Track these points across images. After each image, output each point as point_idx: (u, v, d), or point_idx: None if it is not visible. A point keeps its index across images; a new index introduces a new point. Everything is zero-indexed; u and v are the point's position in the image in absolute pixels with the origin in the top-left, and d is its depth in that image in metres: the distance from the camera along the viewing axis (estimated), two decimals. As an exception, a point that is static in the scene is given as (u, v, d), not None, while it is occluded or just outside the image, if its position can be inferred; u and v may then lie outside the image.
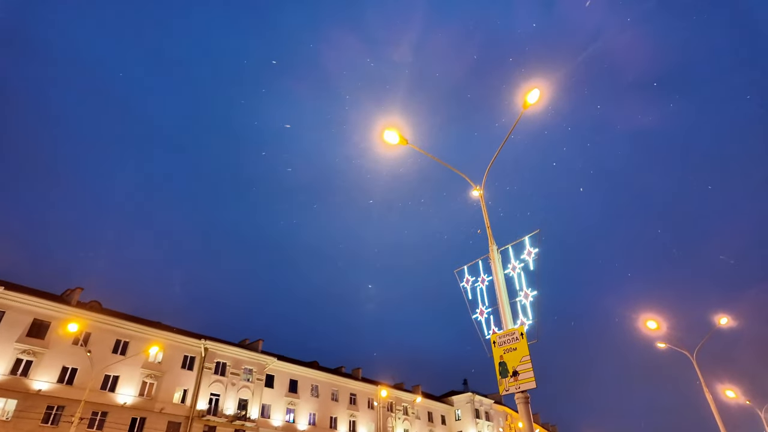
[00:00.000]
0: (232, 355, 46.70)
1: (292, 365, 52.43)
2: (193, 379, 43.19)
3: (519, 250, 8.86)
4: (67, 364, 36.40)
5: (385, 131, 10.40)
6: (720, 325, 24.22)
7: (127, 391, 38.66)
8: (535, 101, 9.60)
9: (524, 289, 8.47)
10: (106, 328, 39.57)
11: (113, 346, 39.59)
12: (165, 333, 43.01)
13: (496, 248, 9.19)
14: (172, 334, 43.50)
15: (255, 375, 47.70)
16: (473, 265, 9.73)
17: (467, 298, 9.50)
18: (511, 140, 10.38)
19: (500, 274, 8.83)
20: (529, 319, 8.14)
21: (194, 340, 44.62)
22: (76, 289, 40.76)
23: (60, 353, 36.23)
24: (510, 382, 7.34)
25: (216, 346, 45.74)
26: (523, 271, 8.62)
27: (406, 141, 10.46)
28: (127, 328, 40.76)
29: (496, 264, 8.96)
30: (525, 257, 8.68)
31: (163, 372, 41.39)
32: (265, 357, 49.15)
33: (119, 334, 40.28)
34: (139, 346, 40.35)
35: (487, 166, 10.40)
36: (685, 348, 23.08)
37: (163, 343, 41.92)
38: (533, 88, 9.53)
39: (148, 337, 41.65)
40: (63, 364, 36.17)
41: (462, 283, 9.77)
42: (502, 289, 8.65)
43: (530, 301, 8.30)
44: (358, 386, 58.38)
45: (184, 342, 44.02)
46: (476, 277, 9.56)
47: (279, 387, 50.01)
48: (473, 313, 9.24)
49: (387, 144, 10.44)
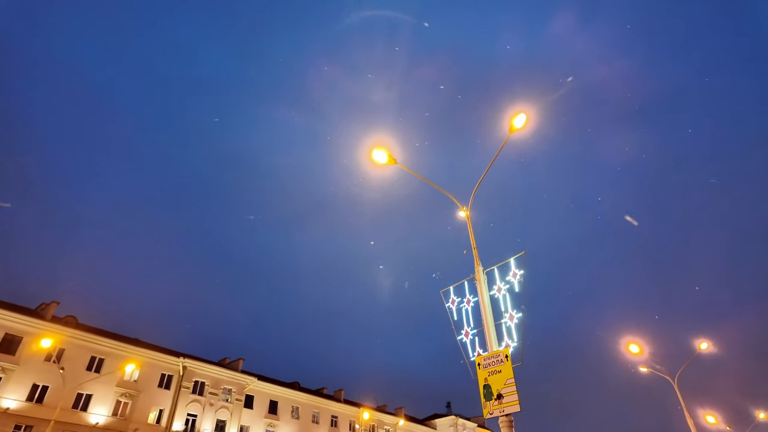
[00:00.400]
0: (212, 374, 45.52)
1: (273, 386, 51.27)
2: (170, 399, 41.89)
3: (504, 271, 8.90)
4: (38, 381, 35.05)
5: (373, 150, 10.48)
6: (701, 350, 24.48)
7: (99, 411, 37.28)
8: (522, 126, 9.80)
9: (509, 311, 8.49)
10: (81, 344, 38.34)
11: (88, 363, 38.30)
12: (142, 350, 41.82)
13: (482, 269, 9.23)
14: (150, 352, 42.32)
15: (234, 395, 46.48)
16: (459, 286, 9.74)
17: (452, 319, 9.48)
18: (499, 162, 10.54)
19: (486, 296, 8.84)
20: (514, 341, 8.13)
21: (173, 358, 43.45)
22: (52, 303, 39.57)
23: (31, 370, 34.90)
24: (494, 405, 7.28)
25: (195, 365, 44.58)
26: (509, 293, 8.65)
27: (394, 160, 10.54)
28: (103, 345, 39.54)
29: (481, 285, 8.99)
30: (510, 279, 8.72)
31: (138, 391, 40.10)
32: (245, 377, 48.02)
33: (95, 350, 39.05)
34: (114, 363, 39.12)
35: (474, 186, 10.52)
36: (667, 373, 23.24)
37: (140, 361, 40.71)
38: (519, 112, 9.74)
39: (125, 354, 40.45)
40: (34, 381, 34.81)
41: (448, 303, 9.76)
42: (487, 310, 8.65)
43: (515, 323, 8.30)
44: (340, 408, 57.23)
45: (162, 360, 42.82)
46: (462, 297, 9.56)
47: (258, 408, 48.76)
48: (458, 335, 9.21)
49: (376, 163, 10.51)
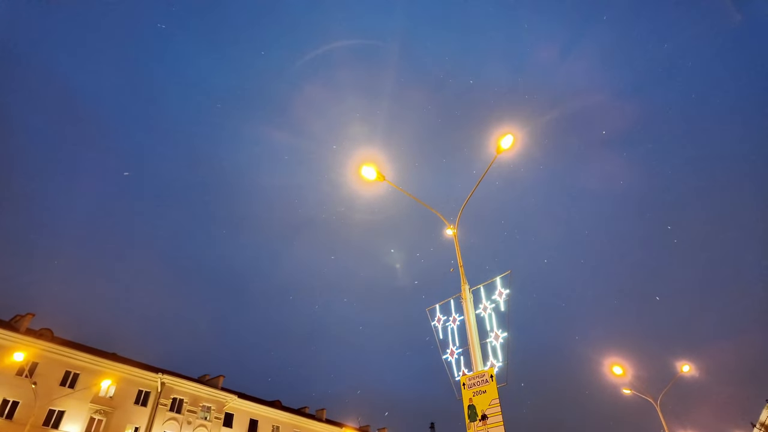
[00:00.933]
0: (191, 391, 44.36)
1: (253, 404, 50.11)
2: (147, 416, 40.62)
3: (490, 290, 8.93)
4: (9, 396, 33.75)
5: (363, 167, 10.53)
6: (683, 372, 24.68)
7: (72, 428, 35.94)
8: (509, 147, 9.96)
9: (495, 330, 8.49)
10: (55, 358, 37.14)
11: (62, 378, 37.05)
12: (119, 365, 40.66)
13: (468, 287, 9.24)
14: (128, 367, 41.15)
15: (213, 413, 45.28)
16: (445, 304, 9.72)
17: (438, 338, 9.44)
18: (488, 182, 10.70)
19: (472, 314, 8.84)
20: (499, 361, 8.11)
21: (151, 374, 42.29)
22: (27, 315, 38.38)
23: (2, 384, 33.61)
24: (479, 426, 7.22)
25: (174, 381, 43.43)
26: (494, 312, 8.67)
27: (383, 177, 10.60)
28: (78, 359, 38.36)
29: (467, 304, 8.99)
30: (496, 298, 8.75)
31: (114, 408, 38.83)
32: (225, 394, 46.89)
33: (69, 365, 37.84)
34: (90, 378, 37.92)
35: (462, 204, 10.61)
36: (650, 395, 23.33)
37: (117, 376, 39.54)
38: (507, 134, 9.91)
39: (101, 369, 39.27)
40: (4, 396, 33.51)
41: (434, 321, 9.72)
42: (473, 329, 8.64)
43: (500, 342, 8.30)
44: (322, 428, 56.06)
45: (139, 375, 41.65)
46: (448, 316, 9.54)
47: (238, 427, 47.52)
48: (444, 354, 9.16)
49: (364, 180, 10.55)
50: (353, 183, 10.37)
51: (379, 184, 11.15)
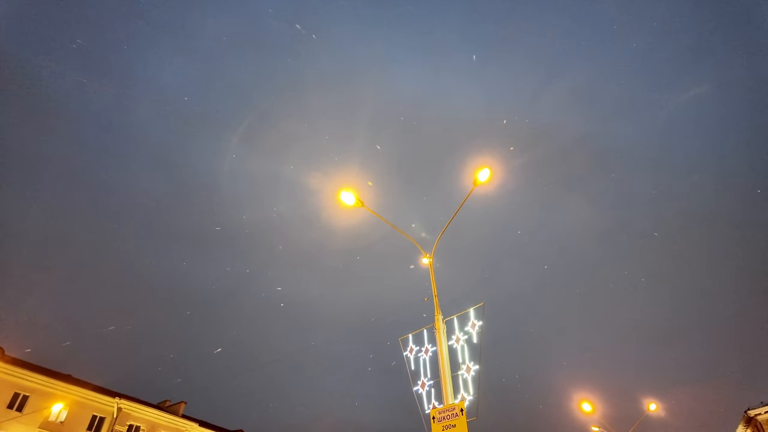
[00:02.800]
0: (149, 417, 42.16)
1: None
2: (98, 444, 38.29)
3: (464, 321, 8.91)
4: (-52, 419, 31.43)
5: (341, 192, 10.52)
6: (650, 411, 24.88)
7: (15, 456, 33.53)
8: (486, 180, 10.15)
9: (467, 363, 8.42)
10: (4, 378, 34.85)
11: (9, 401, 34.72)
12: (74, 388, 38.44)
13: (442, 318, 9.20)
14: (82, 390, 38.94)
15: (171, 442, 43.02)
16: (418, 334, 9.63)
17: (410, 369, 9.29)
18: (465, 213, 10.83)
19: (444, 346, 8.77)
20: (470, 395, 8.02)
21: (107, 398, 40.11)
22: (-23, 330, 36.31)
23: (-59, 405, 31.35)
24: (447, 461, 7.05)
25: (131, 407, 41.26)
26: (467, 344, 8.62)
27: (362, 203, 10.61)
28: (29, 380, 36.13)
29: (441, 334, 8.93)
30: (469, 329, 8.72)
31: (63, 434, 36.50)
32: (185, 422, 44.72)
33: (19, 386, 35.58)
34: (40, 401, 35.67)
35: (438, 234, 10.67)
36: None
37: (70, 399, 37.32)
38: (484, 167, 10.11)
39: (53, 391, 37.05)
40: (-58, 418, 31.20)
41: (406, 352, 9.59)
42: (445, 360, 8.56)
43: (472, 375, 8.23)
44: (286, 460, 53.93)
45: (94, 399, 39.44)
46: (420, 346, 9.43)
47: (197, 457, 45.21)
48: (415, 385, 9.01)
49: (343, 205, 10.54)
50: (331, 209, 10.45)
51: (358, 210, 11.15)
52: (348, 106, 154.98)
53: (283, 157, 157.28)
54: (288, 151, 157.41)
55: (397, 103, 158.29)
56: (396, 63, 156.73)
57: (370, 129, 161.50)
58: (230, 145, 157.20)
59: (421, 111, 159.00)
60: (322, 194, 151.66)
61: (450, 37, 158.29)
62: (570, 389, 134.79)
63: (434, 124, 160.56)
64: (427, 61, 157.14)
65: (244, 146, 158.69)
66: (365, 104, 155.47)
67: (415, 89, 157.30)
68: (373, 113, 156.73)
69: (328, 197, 23.03)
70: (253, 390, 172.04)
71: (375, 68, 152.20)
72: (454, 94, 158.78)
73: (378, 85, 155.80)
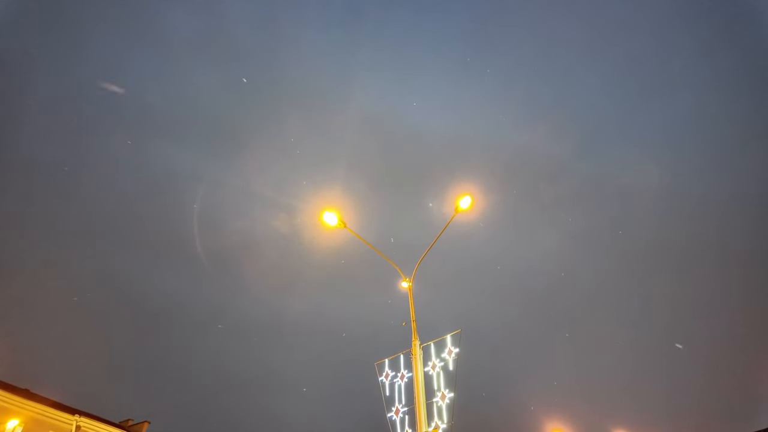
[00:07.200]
0: (109, 437, 40.33)
1: (179, 455, 46.04)
2: (53, 465, 36.35)
3: (440, 347, 8.91)
4: None
5: (324, 212, 10.53)
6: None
7: (-40, 475, 31.55)
8: (467, 207, 10.32)
9: (442, 390, 8.39)
10: (-44, 390, 33.09)
11: (-41, 415, 32.89)
12: (30, 403, 36.55)
13: (419, 343, 9.18)
14: (40, 406, 37.04)
15: (131, 464, 41.11)
16: (394, 359, 9.57)
17: (384, 395, 9.20)
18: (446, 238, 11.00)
19: (420, 372, 8.74)
20: (444, 423, 7.97)
21: (66, 416, 38.23)
22: (-69, 339, 34.47)
23: None
24: (419, 491, 6.95)
25: (91, 425, 39.40)
26: (443, 371, 8.60)
27: (344, 224, 10.62)
28: (-17, 394, 34.35)
29: (417, 360, 8.90)
30: (445, 356, 8.72)
31: (15, 452, 34.58)
32: (148, 442, 42.90)
33: (-29, 399, 33.77)
34: (-7, 417, 33.83)
35: (418, 260, 10.73)
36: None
37: (26, 415, 35.45)
38: (465, 194, 10.28)
39: (9, 407, 35.15)
40: None
41: (381, 377, 9.50)
42: (420, 387, 8.51)
43: (446, 402, 8.20)
44: (251, 485, 51.97)
45: (52, 416, 37.54)
46: (396, 372, 9.36)
47: (157, 481, 43.24)
48: (389, 412, 8.91)
49: (325, 226, 10.53)
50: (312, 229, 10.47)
51: (339, 232, 11.16)
52: (328, 125, 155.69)
53: (261, 179, 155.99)
54: (266, 172, 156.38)
55: (378, 124, 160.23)
56: (374, 83, 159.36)
57: (353, 150, 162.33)
58: (206, 164, 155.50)
59: (404, 133, 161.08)
60: (303, 214, 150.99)
61: (430, 58, 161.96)
62: (545, 418, 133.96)
63: (418, 147, 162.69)
64: (409, 84, 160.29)
65: (217, 164, 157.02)
66: (345, 124, 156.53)
67: (396, 111, 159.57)
68: (354, 134, 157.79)
69: (309, 217, 22.54)
70: (224, 412, 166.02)
71: (355, 87, 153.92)
72: (436, 116, 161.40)
73: (358, 106, 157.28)
